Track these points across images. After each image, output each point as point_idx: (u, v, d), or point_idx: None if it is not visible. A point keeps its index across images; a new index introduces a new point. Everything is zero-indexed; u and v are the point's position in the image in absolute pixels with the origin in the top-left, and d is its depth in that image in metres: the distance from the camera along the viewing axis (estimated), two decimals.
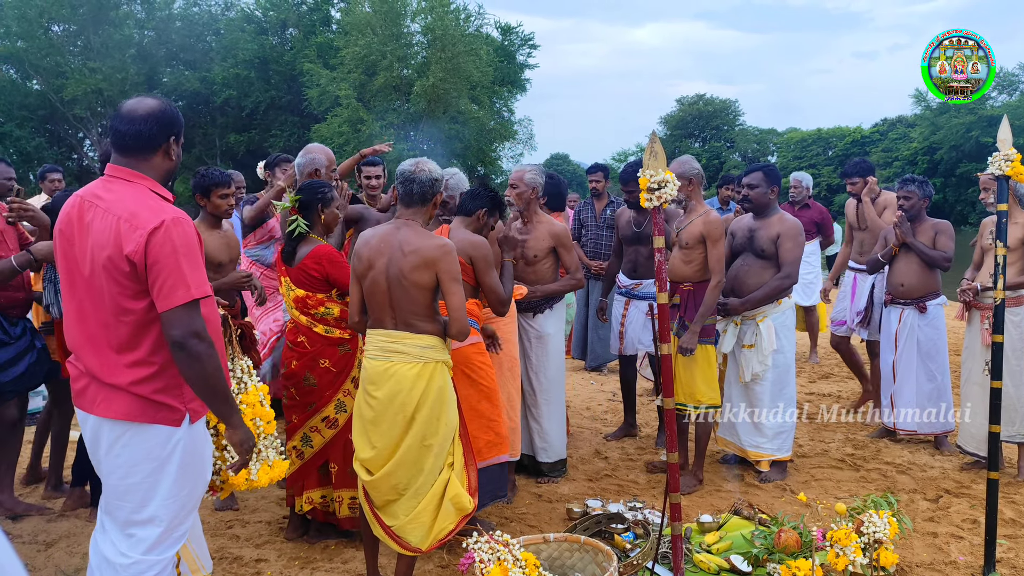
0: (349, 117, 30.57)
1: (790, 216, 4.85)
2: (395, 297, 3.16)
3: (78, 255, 2.42)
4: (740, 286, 4.84)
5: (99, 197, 2.43)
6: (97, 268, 2.36)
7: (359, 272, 3.24)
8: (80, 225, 2.42)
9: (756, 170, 4.86)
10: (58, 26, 33.33)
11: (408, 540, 3.19)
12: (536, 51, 40.17)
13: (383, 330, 3.21)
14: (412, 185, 3.25)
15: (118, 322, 2.38)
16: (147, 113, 2.46)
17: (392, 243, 3.17)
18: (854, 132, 53.37)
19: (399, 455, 3.15)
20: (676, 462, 3.16)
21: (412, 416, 3.14)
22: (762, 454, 4.89)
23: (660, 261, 3.10)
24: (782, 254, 4.72)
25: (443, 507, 3.22)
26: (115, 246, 2.32)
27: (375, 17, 31.92)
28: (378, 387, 3.16)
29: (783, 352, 4.84)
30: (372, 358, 3.20)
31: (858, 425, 6.09)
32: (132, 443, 2.42)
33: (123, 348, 2.39)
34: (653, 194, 3.02)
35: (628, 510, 4.11)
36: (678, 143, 59.16)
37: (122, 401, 2.40)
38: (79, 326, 2.45)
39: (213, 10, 37.57)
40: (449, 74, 31.02)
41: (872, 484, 4.83)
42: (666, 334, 3.14)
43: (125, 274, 2.33)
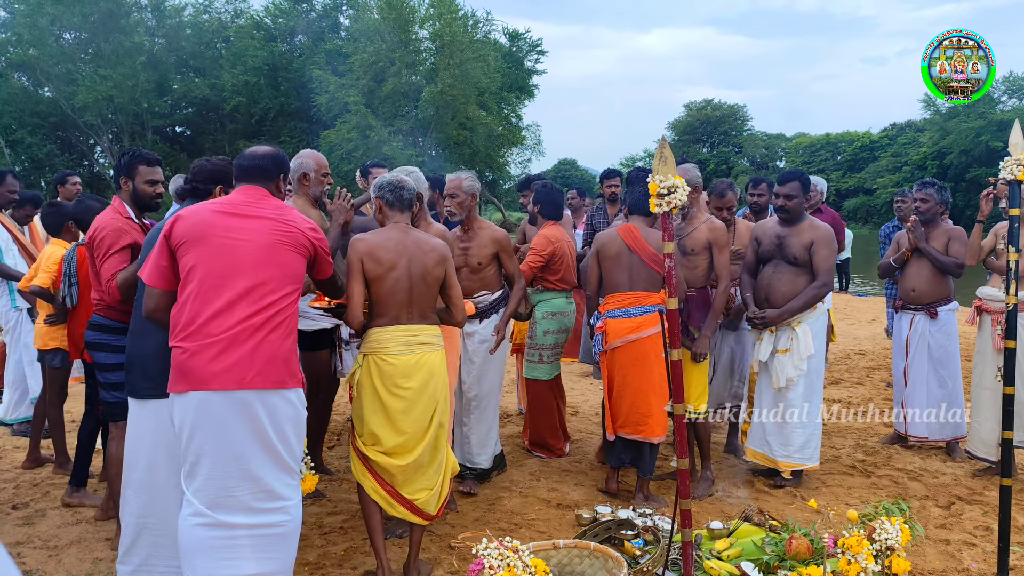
0: (358, 123, 30.61)
1: (821, 222, 4.78)
2: (416, 293, 3.47)
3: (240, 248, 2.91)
4: (773, 294, 4.78)
5: (255, 203, 3.03)
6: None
7: (376, 274, 3.43)
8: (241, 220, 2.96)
9: (793, 179, 4.73)
10: (69, 34, 33.51)
11: (427, 511, 3.55)
12: (544, 57, 40.21)
13: (401, 326, 3.45)
14: (402, 192, 3.58)
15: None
16: (265, 154, 3.14)
17: (409, 244, 3.48)
18: (863, 137, 53.20)
19: (429, 438, 3.48)
20: (686, 468, 3.15)
21: (438, 400, 3.49)
22: (792, 464, 4.80)
23: (670, 267, 3.09)
24: (817, 262, 4.66)
25: (445, 479, 3.63)
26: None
27: (384, 24, 31.99)
28: (411, 378, 3.42)
29: (816, 357, 4.77)
30: (398, 354, 3.42)
31: (869, 431, 6.06)
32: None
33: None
34: (663, 199, 3.02)
35: (638, 516, 4.09)
36: (686, 148, 59.08)
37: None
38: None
39: (223, 17, 37.72)
40: (457, 80, 31.03)
41: (883, 491, 4.81)
42: (676, 340, 3.13)
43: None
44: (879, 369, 8.18)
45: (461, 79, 31.09)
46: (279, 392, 2.88)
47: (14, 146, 31.17)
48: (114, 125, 33.05)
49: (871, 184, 47.41)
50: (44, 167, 31.57)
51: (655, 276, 4.49)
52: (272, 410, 2.86)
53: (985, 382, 5.05)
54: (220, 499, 2.83)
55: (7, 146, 30.95)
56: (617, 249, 4.56)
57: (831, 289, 4.74)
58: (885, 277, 5.89)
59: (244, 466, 2.83)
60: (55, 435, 5.08)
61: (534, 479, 5.00)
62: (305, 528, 4.21)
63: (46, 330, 4.97)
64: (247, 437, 2.83)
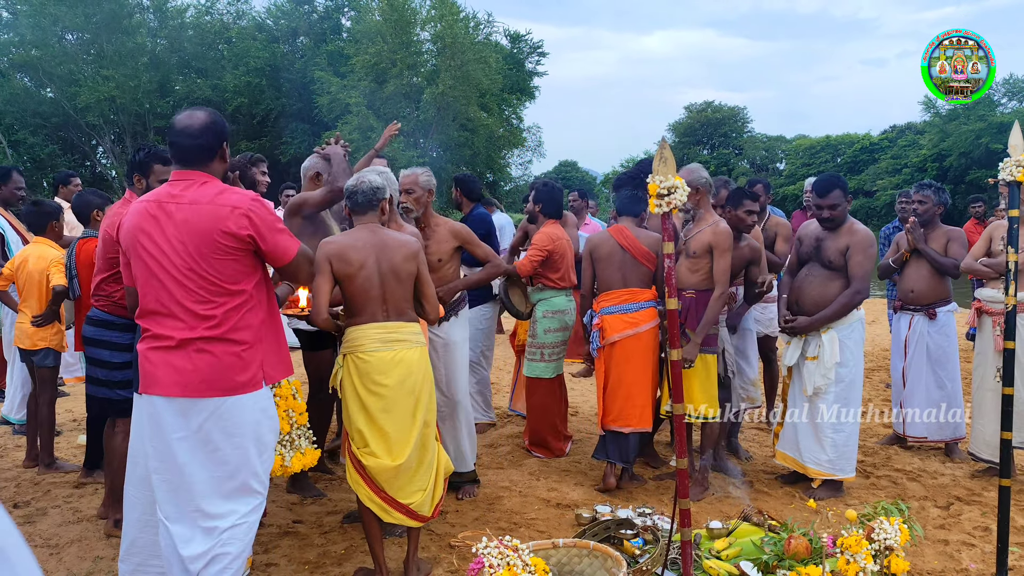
0: (359, 124, 30.66)
1: (862, 226, 4.66)
2: (388, 290, 3.48)
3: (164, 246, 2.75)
4: (803, 297, 4.70)
5: (179, 195, 2.77)
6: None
7: (346, 273, 3.44)
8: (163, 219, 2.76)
9: (833, 188, 4.59)
10: (72, 34, 33.55)
11: (422, 513, 3.56)
12: (545, 59, 40.27)
13: (377, 323, 3.47)
14: (357, 196, 3.58)
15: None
16: (203, 127, 2.79)
17: (377, 243, 3.50)
18: (863, 139, 53.23)
19: (413, 439, 3.47)
20: (685, 468, 3.16)
21: (418, 398, 3.48)
22: (823, 472, 4.70)
23: (670, 267, 3.10)
24: (852, 267, 4.54)
25: (438, 479, 3.64)
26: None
27: (385, 25, 32.05)
28: (388, 375, 3.42)
29: (847, 366, 4.65)
30: (375, 350, 3.43)
31: (868, 432, 6.06)
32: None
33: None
34: (662, 200, 3.03)
35: (637, 516, 4.10)
36: (686, 150, 59.12)
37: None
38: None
39: (225, 19, 37.78)
40: (458, 82, 31.09)
41: (882, 491, 4.81)
42: (676, 340, 3.14)
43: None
44: (878, 370, 8.19)
45: (462, 80, 31.16)
46: (229, 399, 2.76)
47: (16, 146, 31.20)
48: (116, 126, 33.06)
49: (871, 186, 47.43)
50: (46, 167, 31.58)
51: (647, 273, 4.74)
52: (218, 418, 2.75)
53: (987, 383, 5.06)
54: (172, 507, 2.82)
55: (9, 146, 30.97)
56: (609, 249, 4.79)
57: (867, 296, 4.63)
58: (884, 278, 5.90)
59: (186, 477, 2.76)
60: (43, 435, 5.06)
61: (534, 479, 5.01)
62: (305, 527, 4.23)
63: (33, 330, 4.97)
64: (187, 445, 2.75)
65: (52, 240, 5.09)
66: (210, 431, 2.75)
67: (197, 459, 2.76)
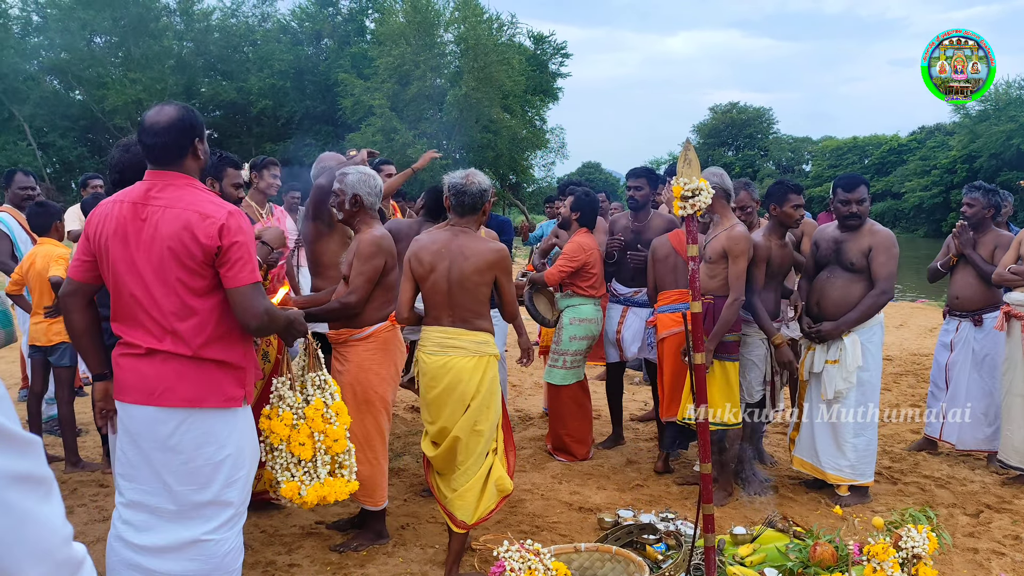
0: (382, 126, 30.78)
1: (882, 227, 4.62)
2: (454, 297, 3.52)
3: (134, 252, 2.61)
4: (824, 300, 4.64)
5: (153, 197, 2.62)
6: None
7: (419, 274, 3.57)
8: (135, 224, 2.61)
9: (860, 183, 4.58)
10: (100, 38, 34.02)
11: (456, 515, 3.57)
12: (568, 60, 40.14)
13: (440, 327, 3.56)
14: (464, 197, 3.56)
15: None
16: (169, 123, 2.63)
17: (452, 248, 3.53)
18: (891, 140, 52.57)
19: (453, 436, 3.53)
20: (709, 472, 3.13)
21: (468, 404, 3.51)
22: (843, 478, 4.65)
23: (694, 270, 3.08)
24: (875, 268, 4.48)
25: (487, 488, 3.59)
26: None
27: (409, 27, 32.15)
28: (437, 380, 3.52)
29: (868, 369, 4.60)
30: (431, 353, 3.55)
31: (895, 437, 5.98)
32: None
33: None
34: (687, 202, 3.00)
35: (660, 521, 4.07)
36: (711, 151, 58.77)
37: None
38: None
39: (250, 21, 38.09)
40: (482, 83, 31.10)
41: (910, 498, 4.74)
42: (699, 343, 3.11)
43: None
44: (906, 375, 8.08)
45: (485, 82, 31.17)
46: (197, 411, 2.65)
47: (45, 148, 31.69)
48: None
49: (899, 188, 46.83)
50: (74, 169, 32.04)
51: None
52: (188, 429, 2.65)
53: (1016, 389, 4.96)
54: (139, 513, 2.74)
55: (39, 148, 31.46)
56: (666, 252, 5.09)
57: (892, 297, 4.57)
58: (933, 281, 5.78)
59: (157, 485, 2.70)
60: (65, 435, 5.08)
61: (556, 482, 4.99)
62: (327, 528, 4.24)
63: (47, 325, 4.97)
64: (158, 455, 2.67)
65: (57, 239, 5.15)
66: (179, 442, 2.64)
67: (168, 468, 2.66)
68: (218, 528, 2.73)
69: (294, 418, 3.21)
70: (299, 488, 3.19)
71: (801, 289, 4.87)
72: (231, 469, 2.73)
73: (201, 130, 2.73)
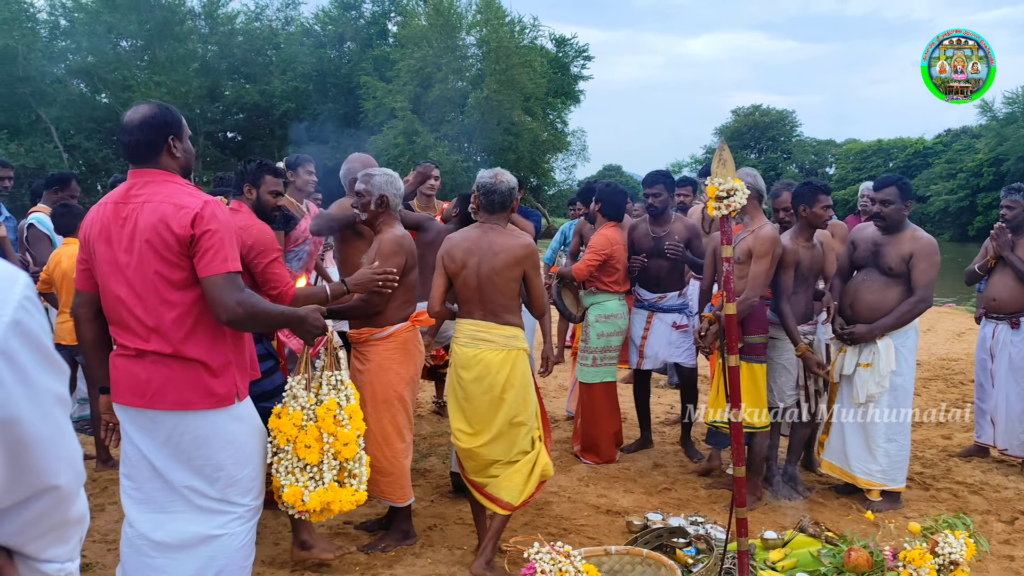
0: (404, 129, 30.91)
1: (924, 233, 4.52)
2: (484, 292, 3.64)
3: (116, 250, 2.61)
4: (858, 302, 4.57)
5: (133, 195, 2.62)
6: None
7: (451, 270, 3.70)
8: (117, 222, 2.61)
9: (889, 184, 4.49)
10: (126, 41, 34.44)
11: (502, 497, 3.68)
12: (590, 62, 40.12)
13: (472, 320, 3.70)
14: (494, 196, 3.68)
15: None
16: (141, 121, 2.62)
17: (482, 245, 3.64)
18: (916, 143, 52.01)
19: (494, 431, 3.64)
20: (742, 476, 3.10)
21: (500, 396, 3.62)
22: (873, 483, 4.58)
23: (728, 271, 3.05)
24: (916, 275, 4.40)
25: (535, 471, 3.74)
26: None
27: (431, 30, 32.28)
28: (468, 370, 3.66)
29: (901, 374, 4.52)
30: (463, 345, 3.69)
31: (926, 443, 5.90)
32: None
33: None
34: (722, 202, 2.98)
35: (689, 524, 4.04)
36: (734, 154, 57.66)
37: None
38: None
39: (274, 25, 38.42)
40: (503, 86, 31.16)
41: (943, 504, 4.67)
42: (733, 345, 3.08)
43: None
44: (935, 380, 7.98)
45: (507, 85, 31.23)
46: (191, 413, 2.65)
47: (72, 151, 32.08)
48: None
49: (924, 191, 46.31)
50: (100, 171, 32.41)
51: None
52: (184, 431, 2.65)
53: None
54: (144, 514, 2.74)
55: (65, 150, 31.86)
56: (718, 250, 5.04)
57: (930, 306, 4.48)
58: (971, 284, 5.69)
59: (160, 484, 2.70)
60: (97, 433, 5.14)
61: (583, 485, 4.96)
62: (356, 528, 4.24)
63: (72, 325, 5.01)
64: (159, 455, 2.68)
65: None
66: (178, 442, 2.64)
67: (171, 467, 2.66)
68: (228, 523, 2.74)
69: (304, 419, 3.09)
70: (302, 494, 3.07)
71: (834, 288, 4.79)
72: (233, 467, 2.73)
73: (177, 128, 2.68)
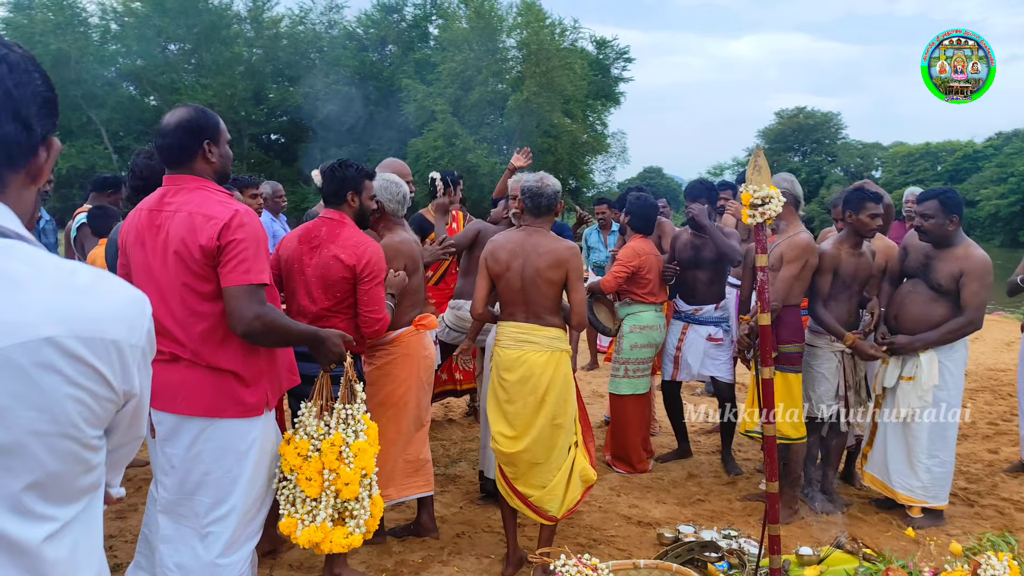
0: (444, 131, 31.06)
1: (979, 251, 4.31)
2: (528, 293, 3.65)
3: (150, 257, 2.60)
4: (902, 314, 4.43)
5: (167, 203, 2.60)
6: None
7: (495, 272, 3.72)
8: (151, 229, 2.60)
9: (931, 197, 4.32)
10: (174, 45, 35.15)
11: (546, 510, 3.68)
12: (631, 64, 39.95)
13: (515, 322, 3.70)
14: (540, 199, 3.69)
15: None
16: (177, 125, 2.59)
17: (527, 247, 3.66)
18: (965, 146, 50.85)
19: (534, 433, 3.61)
20: (775, 491, 3.02)
21: (542, 398, 3.60)
22: (914, 499, 4.43)
23: (763, 280, 2.98)
24: (966, 296, 4.22)
25: (572, 480, 3.71)
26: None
27: (472, 33, 32.39)
28: (511, 372, 3.64)
29: (946, 389, 4.37)
30: (506, 347, 3.68)
31: (971, 457, 5.72)
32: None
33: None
34: (756, 210, 2.91)
35: (722, 538, 3.95)
36: (777, 157, 57.63)
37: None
38: None
39: (317, 28, 38.87)
40: (543, 88, 31.15)
41: (987, 522, 4.52)
42: (768, 356, 3.01)
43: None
44: (982, 391, 7.74)
45: (547, 87, 31.22)
46: (216, 421, 2.62)
47: (121, 152, 32.84)
48: None
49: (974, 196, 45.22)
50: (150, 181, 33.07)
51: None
52: (207, 439, 2.62)
53: None
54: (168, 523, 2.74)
55: (114, 152, 32.62)
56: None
57: (979, 328, 4.31)
58: (1012, 295, 5.51)
59: (180, 494, 2.68)
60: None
61: (614, 494, 4.90)
62: (382, 535, 4.23)
63: None
64: (180, 462, 2.66)
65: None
66: (200, 451, 2.62)
67: (189, 478, 2.65)
68: (227, 549, 2.66)
69: (310, 449, 2.88)
70: (297, 526, 2.91)
71: (883, 293, 4.63)
72: (251, 479, 2.68)
73: (213, 132, 2.64)
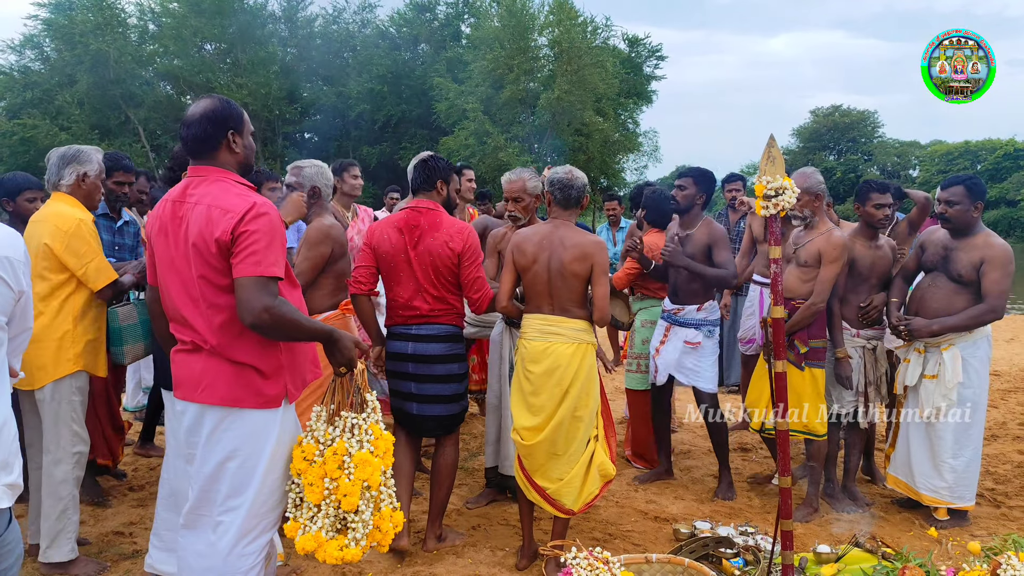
0: (475, 130, 31.10)
1: (999, 239, 4.25)
2: (554, 286, 3.67)
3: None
4: (923, 308, 4.33)
5: (189, 195, 2.61)
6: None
7: (522, 265, 3.73)
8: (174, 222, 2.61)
9: (956, 184, 4.25)
10: (210, 45, 35.61)
11: (562, 503, 3.66)
12: (663, 62, 39.65)
13: (541, 315, 3.72)
14: (571, 191, 3.75)
15: None
16: (202, 115, 2.61)
17: (553, 240, 3.69)
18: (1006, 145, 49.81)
19: (554, 424, 3.61)
20: (788, 487, 2.98)
21: (567, 390, 3.61)
22: (940, 500, 4.34)
23: (776, 272, 2.94)
24: (987, 284, 4.14)
25: (590, 473, 3.70)
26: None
27: (503, 31, 32.36)
28: (538, 364, 3.65)
29: (971, 387, 4.27)
30: (532, 339, 3.69)
31: (1001, 458, 5.60)
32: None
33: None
34: (770, 201, 2.87)
35: (739, 534, 3.91)
36: (811, 155, 56.92)
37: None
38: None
39: (350, 28, 39.16)
40: (575, 87, 31.03)
41: (1014, 523, 4.42)
42: (781, 350, 2.97)
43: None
44: (1015, 392, 7.58)
45: (578, 85, 31.09)
46: (235, 410, 2.61)
47: (158, 150, 33.38)
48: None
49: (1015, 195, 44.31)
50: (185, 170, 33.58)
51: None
52: (226, 429, 2.61)
53: None
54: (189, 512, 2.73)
55: (151, 150, 33.17)
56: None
57: (1000, 317, 4.20)
58: None
59: (198, 486, 2.67)
60: (156, 419, 5.49)
61: (631, 489, 4.88)
62: None
63: None
64: (200, 452, 2.65)
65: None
66: (218, 441, 2.61)
67: (204, 470, 2.64)
68: (240, 540, 2.64)
69: (316, 454, 2.74)
70: (299, 530, 2.77)
71: (895, 287, 4.54)
72: (267, 470, 2.63)
73: (237, 123, 2.64)
